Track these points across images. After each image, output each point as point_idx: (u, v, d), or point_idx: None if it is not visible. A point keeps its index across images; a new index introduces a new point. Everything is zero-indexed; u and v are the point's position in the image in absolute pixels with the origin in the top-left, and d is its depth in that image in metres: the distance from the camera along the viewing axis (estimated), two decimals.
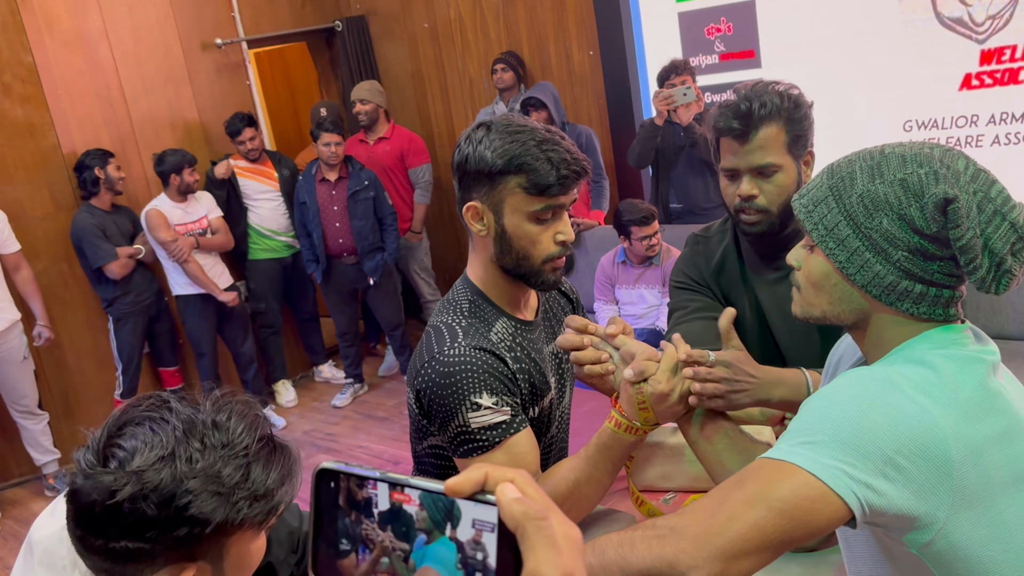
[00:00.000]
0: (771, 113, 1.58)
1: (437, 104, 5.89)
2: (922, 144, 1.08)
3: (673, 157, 4.28)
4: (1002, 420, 1.01)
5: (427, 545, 0.53)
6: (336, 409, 5.12)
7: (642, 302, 4.05)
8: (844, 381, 1.04)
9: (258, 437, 0.96)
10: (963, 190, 1.01)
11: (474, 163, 1.42)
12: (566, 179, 1.40)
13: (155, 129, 4.94)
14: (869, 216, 1.05)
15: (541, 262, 1.45)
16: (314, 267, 4.87)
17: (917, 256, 1.04)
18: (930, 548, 0.99)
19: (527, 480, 0.53)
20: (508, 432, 1.41)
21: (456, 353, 1.41)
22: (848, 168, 1.09)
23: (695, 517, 0.98)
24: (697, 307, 1.82)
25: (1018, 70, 3.69)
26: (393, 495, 0.54)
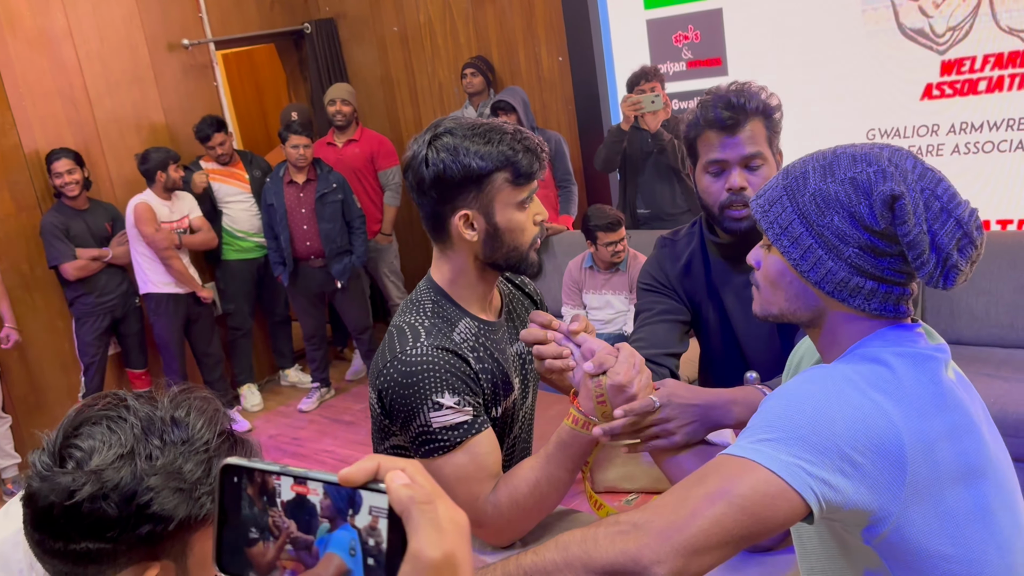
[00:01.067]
0: (756, 108, 1.63)
1: (407, 108, 5.88)
2: (872, 144, 1.11)
3: (640, 163, 4.31)
4: (952, 416, 1.04)
5: (331, 532, 0.57)
6: (302, 413, 5.08)
7: (609, 308, 4.07)
8: (801, 379, 1.06)
9: (218, 432, 0.95)
10: (910, 188, 1.04)
11: (458, 172, 1.41)
12: (542, 163, 1.46)
13: (120, 130, 4.88)
14: (821, 214, 1.08)
15: (528, 247, 1.50)
16: (281, 270, 4.84)
17: (867, 253, 1.07)
18: (883, 541, 1.01)
19: (418, 468, 0.57)
20: (470, 432, 1.41)
21: (418, 353, 1.41)
22: (801, 168, 1.12)
23: (658, 513, 0.99)
24: (662, 309, 1.83)
25: (977, 81, 3.76)
26: (295, 487, 0.58)
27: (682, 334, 1.84)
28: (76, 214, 4.44)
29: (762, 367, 1.71)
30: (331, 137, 5.20)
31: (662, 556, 0.95)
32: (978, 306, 3.52)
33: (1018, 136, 3.73)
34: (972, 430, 1.06)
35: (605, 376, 1.35)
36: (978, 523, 1.04)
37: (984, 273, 3.48)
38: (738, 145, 1.63)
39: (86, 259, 4.40)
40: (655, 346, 1.77)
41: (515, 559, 1.08)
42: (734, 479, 0.98)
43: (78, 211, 4.45)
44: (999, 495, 1.07)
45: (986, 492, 1.05)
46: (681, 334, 1.84)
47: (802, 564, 1.22)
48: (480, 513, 1.42)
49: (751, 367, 1.83)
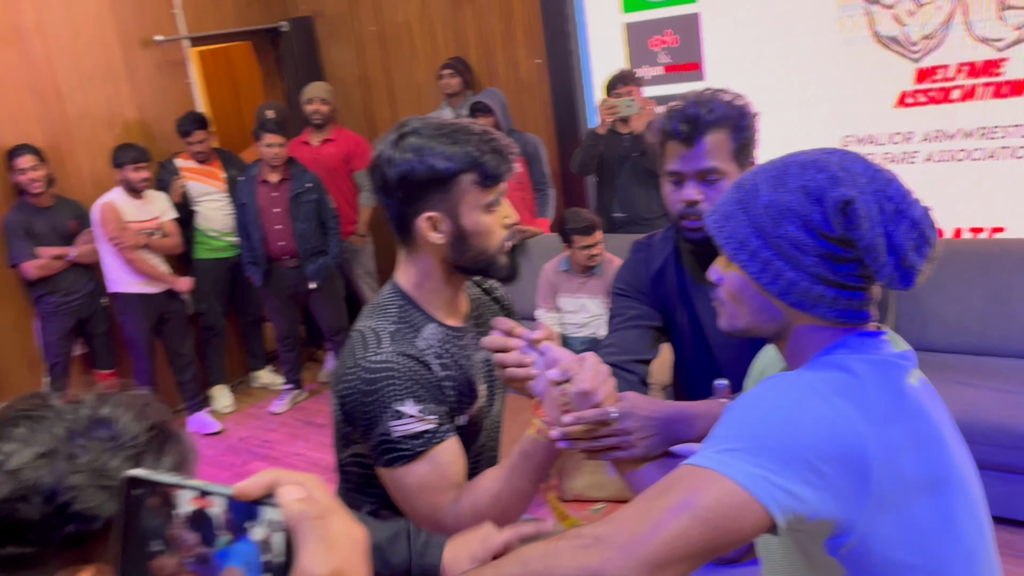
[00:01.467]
0: (718, 120, 1.59)
1: (384, 108, 5.84)
2: (821, 150, 1.10)
3: (617, 167, 4.30)
4: (915, 424, 1.03)
5: (231, 546, 0.57)
6: (274, 415, 5.02)
7: (584, 311, 4.06)
8: (765, 387, 1.05)
9: (148, 427, 0.91)
10: (861, 191, 1.03)
11: (423, 173, 1.38)
12: (511, 163, 1.43)
13: (92, 126, 4.81)
14: (776, 225, 1.07)
15: (496, 250, 1.46)
16: (253, 270, 4.78)
17: (826, 260, 1.06)
18: (848, 552, 1.00)
19: (316, 484, 0.56)
20: (432, 442, 1.39)
21: (381, 359, 1.38)
22: (752, 180, 1.11)
23: (620, 526, 0.97)
24: (634, 315, 1.82)
25: (951, 89, 3.79)
26: (195, 500, 0.58)
27: (653, 340, 1.82)
28: (39, 212, 4.36)
29: (734, 374, 1.69)
30: (307, 136, 5.16)
31: (625, 570, 0.94)
32: (949, 314, 3.54)
33: (990, 145, 3.75)
34: (936, 438, 1.05)
35: (570, 384, 1.32)
36: (943, 533, 1.03)
37: (955, 281, 3.50)
38: (694, 158, 1.60)
39: (48, 258, 4.32)
40: (625, 352, 1.75)
41: (474, 573, 1.05)
42: (697, 490, 0.96)
43: (41, 208, 4.37)
44: (963, 504, 1.06)
45: (951, 501, 1.04)
46: (652, 340, 1.82)
47: (767, 575, 1.20)
48: (441, 524, 1.39)
49: (723, 374, 1.82)
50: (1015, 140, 3.70)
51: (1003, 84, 3.66)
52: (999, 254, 3.50)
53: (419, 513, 1.41)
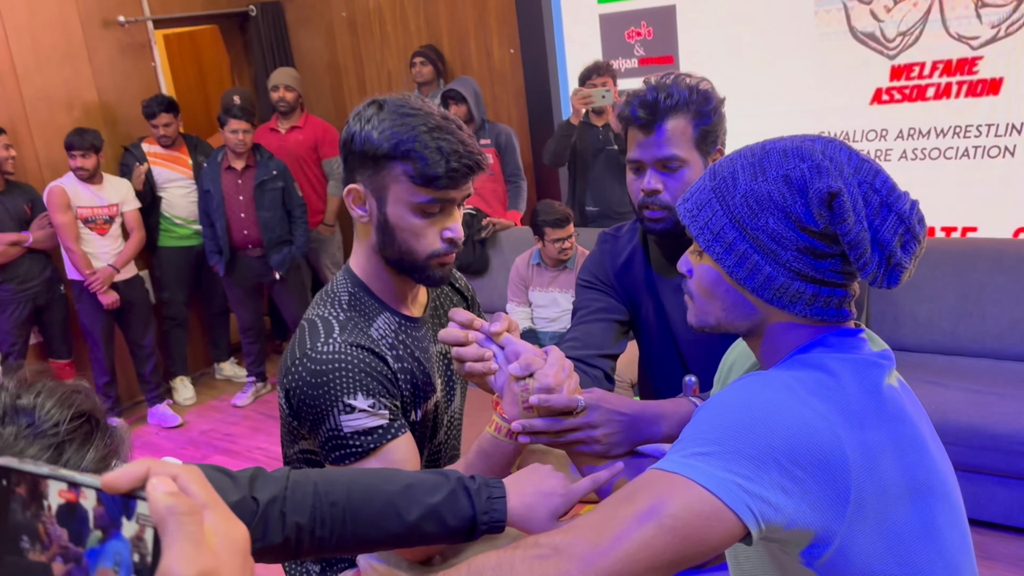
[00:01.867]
0: (678, 105, 1.53)
1: (354, 96, 5.73)
2: (804, 137, 1.02)
3: (590, 159, 4.24)
4: (897, 428, 0.97)
5: (103, 543, 0.51)
6: (236, 408, 4.91)
7: (555, 306, 3.99)
8: (738, 387, 0.98)
9: (73, 415, 0.84)
10: (847, 182, 0.96)
11: (359, 143, 1.31)
12: (456, 172, 1.29)
13: (49, 108, 4.65)
14: (754, 216, 1.00)
15: (425, 257, 1.35)
16: (217, 259, 4.66)
17: (806, 255, 0.99)
18: (825, 563, 0.93)
19: (194, 476, 0.51)
20: (385, 438, 1.31)
21: (330, 350, 1.30)
22: (730, 167, 1.03)
23: (580, 535, 0.90)
24: (599, 308, 1.75)
25: (926, 87, 3.76)
26: (64, 493, 0.52)
27: (619, 334, 1.75)
28: None
29: (701, 369, 1.63)
30: (274, 123, 5.04)
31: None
32: (921, 313, 3.51)
33: (964, 143, 3.73)
34: (917, 442, 0.99)
35: (532, 379, 1.25)
36: (925, 541, 0.96)
37: (928, 280, 3.48)
38: (653, 145, 1.55)
39: (4, 244, 4.17)
40: (589, 346, 1.68)
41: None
42: (664, 497, 0.88)
43: None
44: (945, 511, 1.00)
45: (933, 508, 0.98)
46: (618, 334, 1.75)
47: None
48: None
49: (690, 369, 1.76)
50: (989, 139, 3.68)
51: (978, 83, 3.64)
52: (972, 254, 3.47)
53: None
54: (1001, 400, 2.97)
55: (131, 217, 4.55)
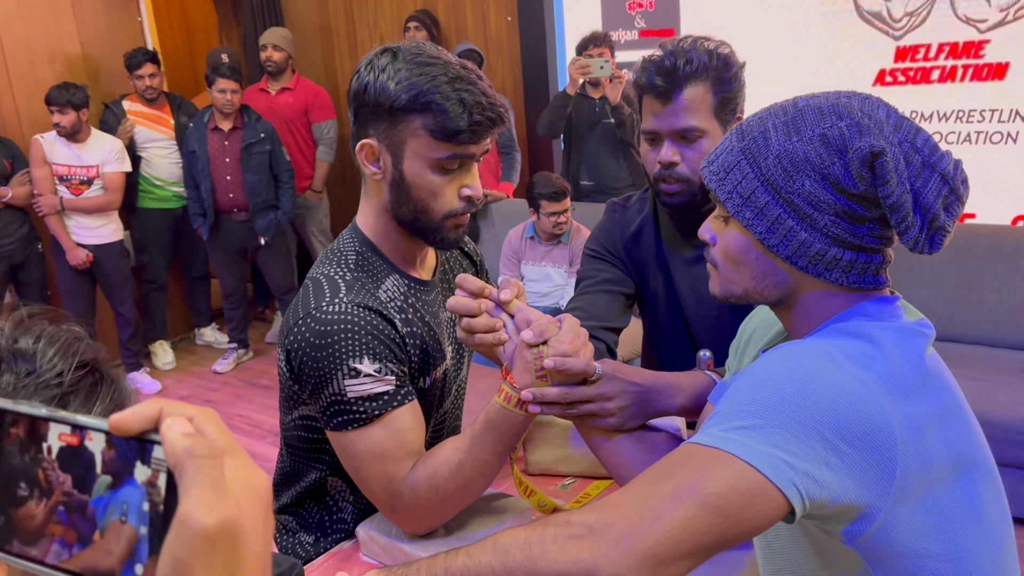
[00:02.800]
0: (698, 71, 1.45)
1: (345, 60, 5.61)
2: (838, 94, 0.96)
3: (585, 132, 4.16)
4: (942, 399, 0.92)
5: (114, 490, 0.46)
6: (217, 375, 4.82)
7: (548, 280, 3.93)
8: (778, 356, 0.91)
9: (77, 364, 0.77)
10: (888, 141, 0.90)
11: (374, 94, 1.22)
12: (479, 125, 1.21)
13: (30, 60, 4.50)
14: (789, 179, 0.93)
15: (442, 217, 1.27)
16: (200, 222, 4.54)
17: (844, 219, 0.94)
18: (867, 541, 0.88)
19: (210, 418, 0.47)
20: (390, 405, 1.24)
21: (336, 310, 1.22)
22: (760, 127, 0.97)
23: (616, 514, 0.83)
24: (605, 278, 1.68)
25: (930, 69, 3.71)
26: (64, 436, 0.47)
27: (623, 307, 1.69)
28: None
29: (710, 347, 1.57)
30: (264, 83, 4.91)
31: (623, 568, 0.80)
32: (918, 299, 3.48)
33: (966, 128, 3.69)
34: (960, 415, 0.94)
35: (546, 347, 1.18)
36: (968, 517, 0.92)
37: (926, 266, 3.45)
38: (671, 115, 1.47)
39: None
40: (593, 318, 1.61)
41: (443, 559, 0.91)
42: (705, 474, 0.82)
43: None
44: (988, 485, 0.95)
45: (976, 483, 0.93)
46: (623, 307, 1.69)
47: (765, 565, 1.08)
48: (395, 496, 1.25)
49: (698, 346, 1.70)
50: (991, 125, 3.63)
51: (984, 67, 3.59)
52: (970, 240, 3.44)
53: (371, 483, 1.26)
54: (997, 388, 2.95)
55: (111, 179, 4.35)
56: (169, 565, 0.43)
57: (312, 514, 1.47)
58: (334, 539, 1.45)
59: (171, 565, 0.43)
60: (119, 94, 4.70)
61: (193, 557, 0.42)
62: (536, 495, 1.44)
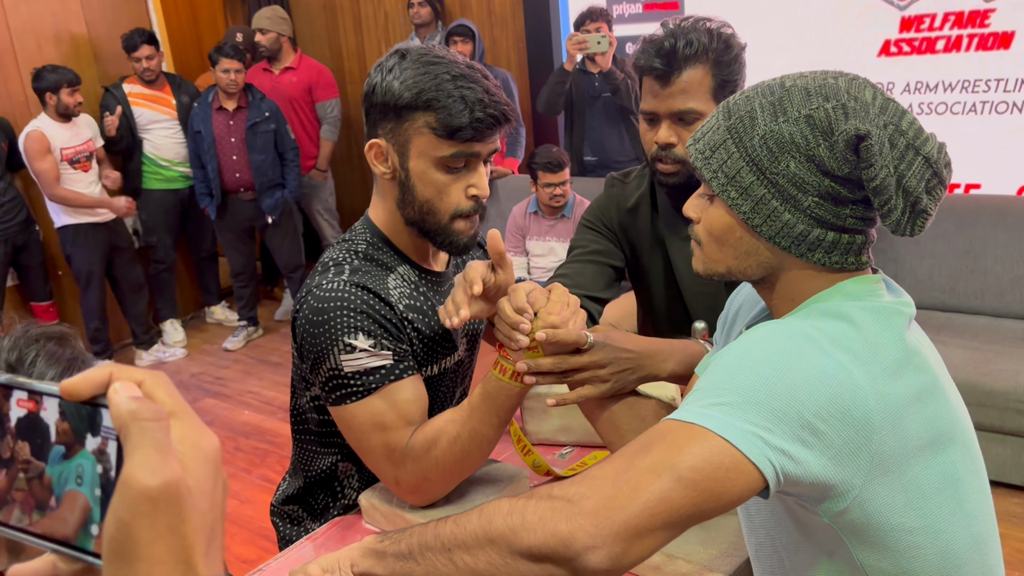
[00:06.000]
0: (697, 53, 1.45)
1: (349, 37, 5.60)
2: (825, 74, 0.96)
3: (586, 107, 4.16)
4: (920, 378, 0.93)
5: (68, 459, 0.46)
6: (227, 352, 4.87)
7: (552, 255, 3.94)
8: (757, 336, 0.93)
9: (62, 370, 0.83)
10: (874, 124, 0.90)
11: (380, 94, 1.26)
12: (480, 123, 1.22)
13: (37, 41, 4.52)
14: (774, 159, 0.94)
15: (449, 218, 1.29)
16: (208, 201, 4.57)
17: (828, 201, 0.94)
18: (844, 517, 0.91)
19: (159, 381, 0.47)
20: (388, 379, 1.27)
21: (333, 287, 1.27)
22: (747, 106, 0.97)
23: (594, 486, 0.86)
24: (596, 249, 1.70)
25: (936, 40, 3.69)
26: (22, 403, 0.47)
27: (610, 280, 1.71)
28: None
29: (707, 323, 1.60)
30: (267, 63, 4.92)
31: (599, 540, 0.82)
32: (922, 269, 3.49)
33: (972, 98, 3.67)
34: (939, 392, 0.96)
35: (536, 318, 1.21)
36: (945, 493, 0.94)
37: (930, 236, 3.45)
38: (669, 97, 1.48)
39: None
40: (578, 286, 1.61)
41: (433, 527, 0.94)
42: (682, 448, 0.85)
43: None
44: (966, 460, 0.97)
45: (954, 459, 0.95)
46: (609, 280, 1.70)
47: (749, 538, 1.11)
48: (397, 466, 1.28)
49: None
50: (997, 95, 3.62)
51: (989, 36, 3.56)
52: (974, 210, 3.44)
53: (374, 455, 1.30)
54: (999, 357, 2.96)
55: (101, 153, 4.47)
56: (113, 526, 0.43)
57: (318, 501, 1.51)
58: (332, 515, 1.50)
59: (115, 526, 0.43)
60: (121, 75, 4.71)
61: (136, 518, 0.43)
62: (532, 455, 1.47)
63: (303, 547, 1.38)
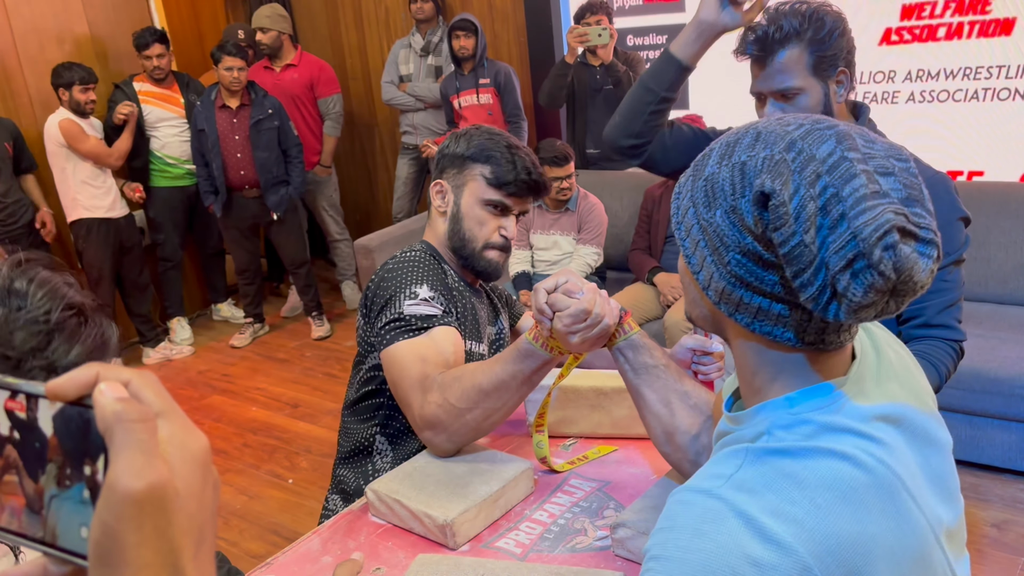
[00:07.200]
0: (788, 36, 1.59)
1: (351, 33, 5.61)
2: (797, 119, 0.83)
3: (588, 100, 4.16)
4: (898, 538, 0.77)
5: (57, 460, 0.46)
6: (234, 349, 4.89)
7: (556, 248, 3.95)
8: (692, 525, 0.77)
9: (64, 305, 0.86)
10: (804, 182, 0.76)
11: (451, 150, 1.67)
12: (523, 182, 1.62)
13: (39, 41, 4.54)
14: (708, 205, 0.85)
15: (482, 246, 1.65)
16: (212, 199, 4.59)
17: (748, 260, 0.82)
18: None
19: (146, 382, 0.46)
20: (437, 323, 1.50)
21: (408, 254, 1.62)
22: (718, 142, 0.88)
23: None
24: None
25: (937, 27, 3.68)
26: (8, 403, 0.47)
27: None
28: None
29: None
30: (268, 61, 4.93)
31: None
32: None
33: (973, 85, 3.67)
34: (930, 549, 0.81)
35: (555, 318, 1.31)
36: None
37: None
38: (769, 78, 1.62)
39: None
40: None
41: None
42: None
43: None
44: None
45: None
46: None
47: None
48: (425, 392, 1.41)
49: None
50: (999, 82, 3.61)
51: (991, 23, 3.56)
52: (977, 197, 3.43)
53: (409, 381, 1.44)
54: (1003, 344, 2.96)
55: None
56: (99, 531, 0.43)
57: (350, 485, 1.68)
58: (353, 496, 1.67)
59: (100, 530, 0.43)
60: (127, 74, 4.73)
61: (121, 522, 0.42)
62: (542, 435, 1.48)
63: (309, 541, 1.40)
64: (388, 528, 1.40)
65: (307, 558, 1.35)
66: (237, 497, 3.33)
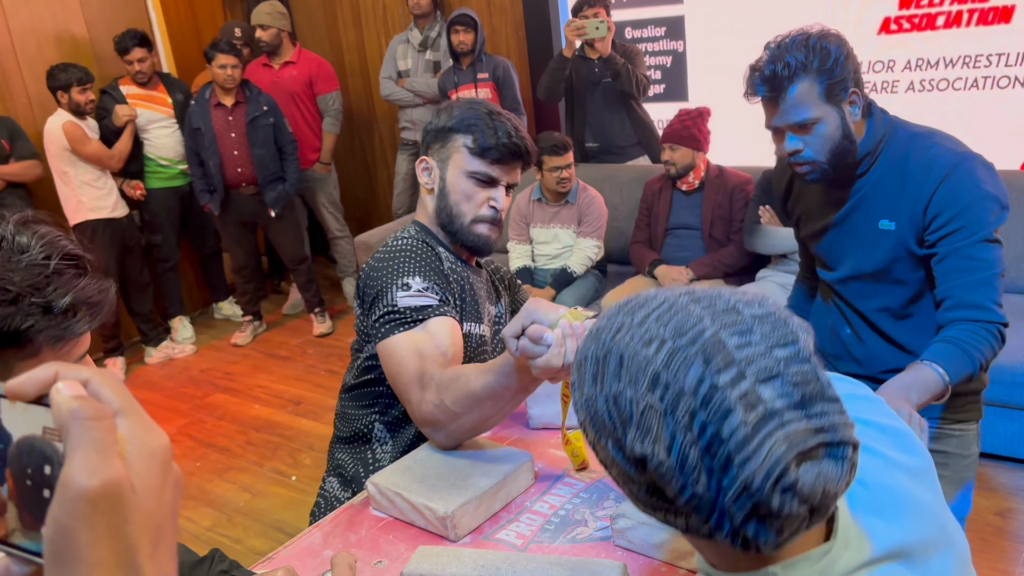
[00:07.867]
0: (796, 71, 1.60)
1: (348, 30, 5.60)
2: (660, 329, 0.71)
3: (586, 93, 4.15)
4: None
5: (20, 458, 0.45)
6: (236, 347, 4.90)
7: (556, 242, 3.95)
8: None
9: (64, 254, 0.89)
10: (679, 426, 0.68)
11: (433, 124, 1.63)
12: (504, 148, 1.55)
13: (37, 42, 4.54)
14: (598, 432, 0.75)
15: (471, 220, 1.59)
16: (207, 197, 4.58)
17: (655, 497, 0.73)
18: None
19: (107, 381, 0.45)
20: (432, 314, 1.48)
21: (398, 242, 1.58)
22: (589, 342, 0.77)
23: None
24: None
25: (936, 15, 3.67)
26: None
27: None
28: None
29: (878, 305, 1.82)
30: (266, 58, 4.92)
31: None
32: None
33: (973, 74, 3.66)
34: None
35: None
36: None
37: None
38: (784, 114, 1.63)
39: None
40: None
41: None
42: None
43: None
44: None
45: None
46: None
47: None
48: (424, 389, 1.41)
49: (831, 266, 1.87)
50: (999, 70, 3.60)
51: (990, 10, 3.55)
52: None
53: (407, 376, 1.44)
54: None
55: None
56: (52, 529, 0.42)
57: (348, 470, 1.68)
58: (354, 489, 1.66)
59: (54, 528, 0.42)
60: (117, 76, 4.72)
61: (74, 520, 0.42)
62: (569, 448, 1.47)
63: (311, 535, 1.40)
64: (389, 521, 1.40)
65: (309, 552, 1.35)
66: (241, 495, 3.33)
